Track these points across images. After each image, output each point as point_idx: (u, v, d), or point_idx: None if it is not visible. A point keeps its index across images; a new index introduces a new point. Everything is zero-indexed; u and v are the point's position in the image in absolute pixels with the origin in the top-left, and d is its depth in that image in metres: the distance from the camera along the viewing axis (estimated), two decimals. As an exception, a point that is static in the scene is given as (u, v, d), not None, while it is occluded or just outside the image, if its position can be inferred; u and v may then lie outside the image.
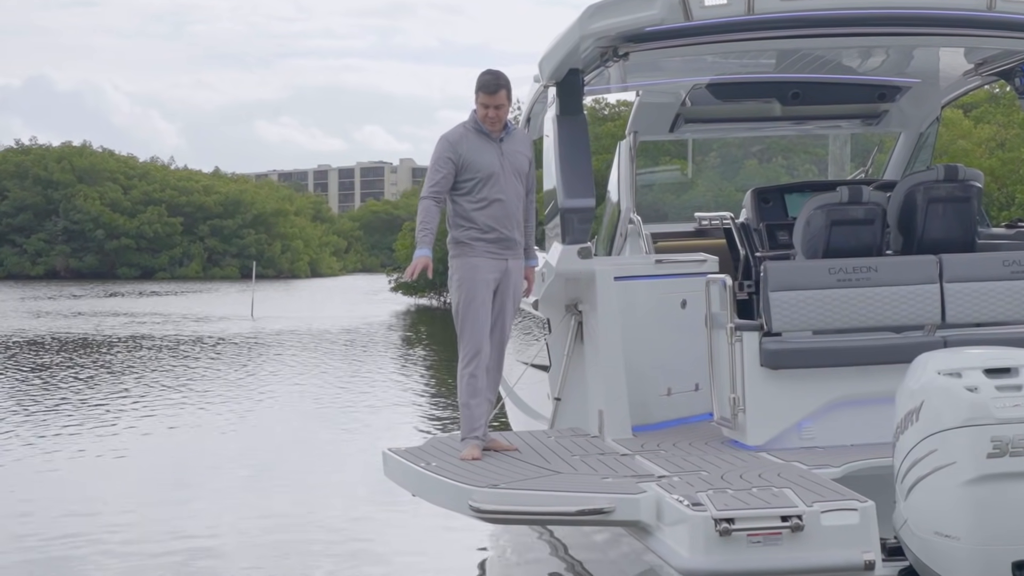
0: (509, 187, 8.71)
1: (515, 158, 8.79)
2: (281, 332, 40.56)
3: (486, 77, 8.69)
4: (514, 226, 8.74)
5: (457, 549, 10.92)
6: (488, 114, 8.67)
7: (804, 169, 21.95)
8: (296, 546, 11.12)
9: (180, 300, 69.43)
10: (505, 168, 8.70)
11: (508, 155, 8.75)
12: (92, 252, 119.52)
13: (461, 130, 8.78)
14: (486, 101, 8.65)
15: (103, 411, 20.53)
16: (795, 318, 8.56)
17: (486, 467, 8.24)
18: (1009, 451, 6.52)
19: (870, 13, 9.10)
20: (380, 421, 19.40)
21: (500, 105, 8.65)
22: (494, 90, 8.63)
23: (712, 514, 6.68)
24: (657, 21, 8.88)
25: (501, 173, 8.68)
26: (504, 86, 8.67)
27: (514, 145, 8.83)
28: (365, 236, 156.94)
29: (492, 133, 8.72)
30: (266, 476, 14.89)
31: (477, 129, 8.75)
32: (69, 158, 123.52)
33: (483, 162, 8.66)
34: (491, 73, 8.74)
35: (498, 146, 8.74)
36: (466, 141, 8.71)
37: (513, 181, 8.74)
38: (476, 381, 8.72)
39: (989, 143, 41.56)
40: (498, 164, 8.69)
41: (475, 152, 8.67)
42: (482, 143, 8.72)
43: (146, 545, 11.25)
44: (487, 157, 8.68)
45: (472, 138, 8.72)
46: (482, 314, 8.70)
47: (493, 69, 8.78)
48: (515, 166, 8.77)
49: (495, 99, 8.63)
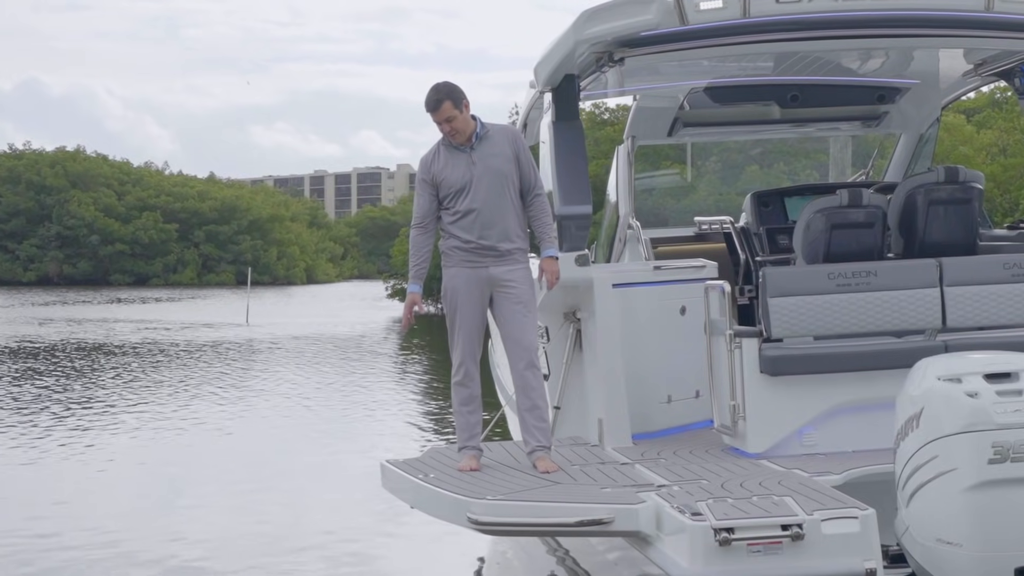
0: (484, 195, 8.56)
1: (490, 162, 8.60)
2: (277, 338, 40.60)
3: (427, 96, 8.60)
4: (493, 236, 8.58)
5: (454, 557, 10.96)
6: (443, 129, 8.59)
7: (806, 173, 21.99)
8: (288, 555, 11.16)
9: (174, 307, 69.50)
10: (477, 176, 8.56)
11: (480, 161, 8.59)
12: (86, 258, 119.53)
13: (435, 148, 8.73)
14: (435, 119, 8.57)
15: (93, 418, 20.55)
16: (795, 324, 8.59)
17: (485, 479, 8.24)
18: (1010, 457, 6.55)
19: (867, 15, 9.12)
20: (377, 429, 19.43)
21: (450, 118, 8.52)
22: (435, 107, 8.54)
23: (712, 524, 6.70)
24: (652, 25, 8.91)
25: (473, 183, 8.55)
26: (445, 98, 8.53)
27: (488, 149, 8.64)
28: (362, 242, 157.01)
29: (460, 145, 8.63)
30: (258, 484, 14.91)
31: (447, 144, 8.67)
32: (63, 163, 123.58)
33: (453, 176, 8.58)
34: (431, 90, 8.62)
35: (468, 156, 8.62)
36: (438, 158, 8.66)
37: (489, 187, 8.57)
38: (464, 390, 8.72)
39: (991, 149, 41.60)
40: (469, 174, 8.57)
41: (446, 168, 8.61)
42: (452, 157, 8.63)
43: (133, 553, 11.32)
44: (457, 171, 8.59)
45: (444, 154, 8.65)
46: (466, 323, 8.69)
47: (435, 84, 8.67)
48: (491, 170, 8.58)
49: (440, 114, 8.52)
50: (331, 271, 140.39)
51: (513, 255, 8.68)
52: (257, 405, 22.74)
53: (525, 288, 8.71)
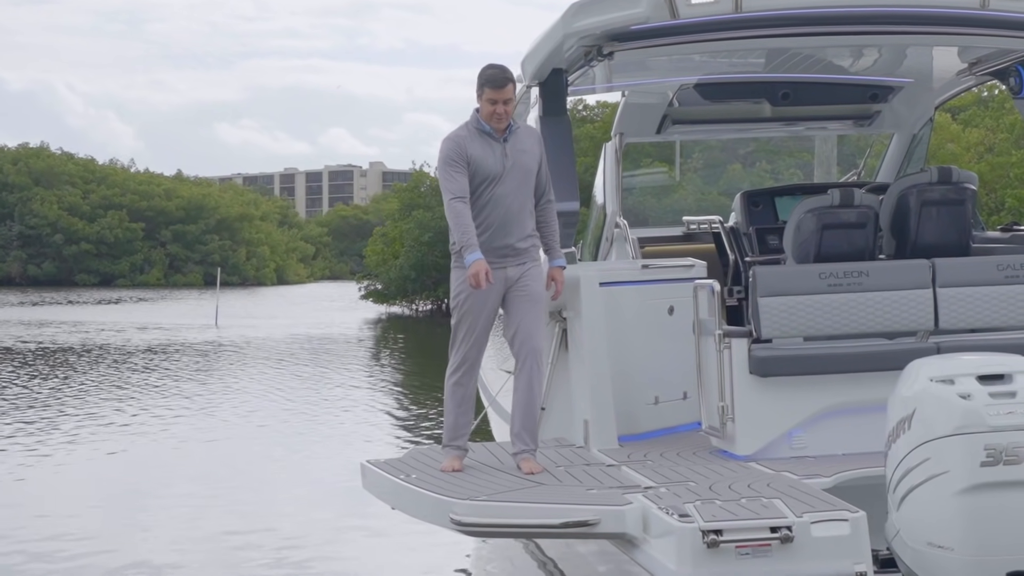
0: (512, 190, 8.54)
1: (521, 158, 8.57)
2: (247, 341, 40.56)
3: (491, 71, 8.49)
4: (514, 232, 8.56)
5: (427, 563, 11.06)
6: (496, 110, 8.44)
7: (789, 173, 22.09)
8: (255, 560, 11.24)
9: (141, 308, 69.28)
10: (509, 170, 8.53)
11: (513, 155, 8.55)
12: (49, 258, 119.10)
13: (464, 131, 8.57)
14: (493, 96, 8.43)
15: (52, 424, 20.56)
16: (785, 324, 8.63)
17: (468, 479, 8.27)
18: (1003, 459, 6.57)
19: (861, 11, 9.19)
20: (351, 433, 19.49)
21: (508, 100, 8.43)
22: (501, 84, 8.42)
23: (700, 525, 6.74)
24: (642, 19, 8.96)
25: (504, 176, 8.52)
26: (511, 79, 8.47)
27: (519, 144, 8.61)
28: (334, 242, 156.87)
29: (496, 132, 8.53)
30: (226, 489, 14.99)
31: (480, 129, 8.54)
32: (25, 160, 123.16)
33: (487, 163, 8.48)
34: (496, 67, 8.53)
35: (502, 146, 8.55)
36: (472, 142, 8.52)
37: (517, 184, 8.55)
38: (461, 389, 8.72)
39: (978, 147, 41.90)
40: (501, 165, 8.52)
41: (480, 153, 8.49)
42: (486, 143, 8.52)
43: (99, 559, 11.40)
44: (491, 158, 8.49)
45: (477, 139, 8.53)
46: (478, 325, 8.63)
47: (496, 63, 8.62)
48: (521, 167, 8.56)
49: (503, 93, 8.41)
50: (302, 272, 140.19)
51: (529, 252, 8.69)
52: (225, 409, 22.77)
53: (540, 288, 8.73)
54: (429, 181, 65.42)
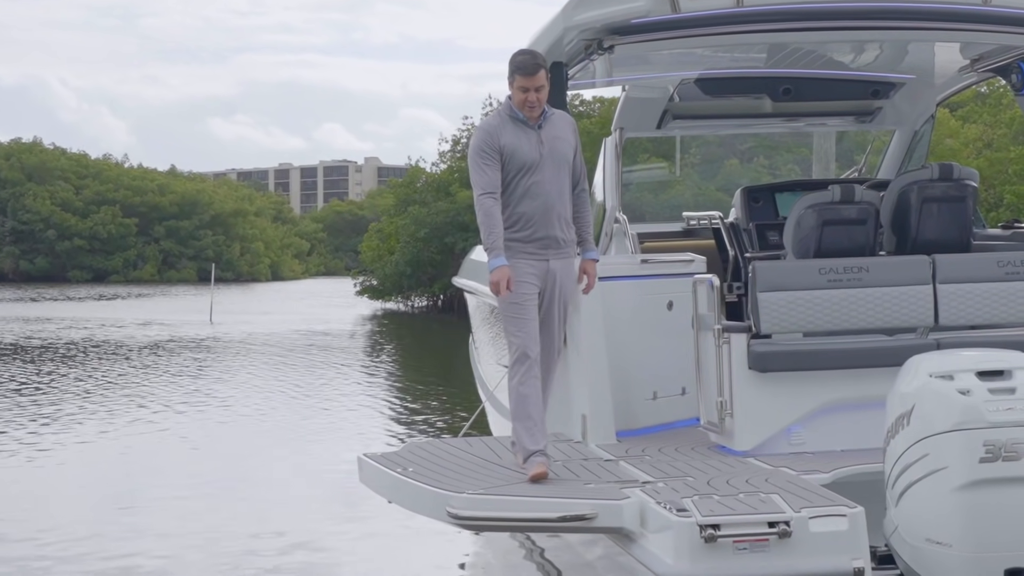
0: (550, 179, 8.35)
1: (556, 145, 8.40)
2: (243, 337, 40.57)
3: (522, 58, 8.31)
4: (555, 222, 8.38)
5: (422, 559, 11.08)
6: (528, 98, 8.26)
7: (787, 169, 22.11)
8: (250, 559, 11.26)
9: (135, 304, 69.25)
10: (545, 158, 8.34)
11: (548, 143, 8.37)
12: (42, 254, 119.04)
13: (497, 119, 8.39)
14: (525, 84, 8.25)
15: (46, 421, 20.59)
16: (784, 320, 8.65)
17: (466, 473, 8.28)
18: (1002, 455, 6.59)
19: (863, 7, 9.22)
20: (347, 428, 19.51)
21: (540, 87, 8.24)
22: (533, 71, 8.24)
23: (697, 520, 6.76)
24: (643, 13, 8.98)
25: (541, 164, 8.32)
26: (543, 66, 8.30)
27: (554, 131, 8.43)
28: (329, 238, 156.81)
29: (530, 120, 8.34)
30: (223, 485, 15.02)
31: (513, 117, 8.35)
32: (18, 155, 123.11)
33: (523, 151, 8.29)
34: (526, 52, 8.38)
35: (537, 134, 8.36)
36: (505, 131, 8.33)
37: (555, 172, 8.37)
38: (526, 389, 8.34)
39: (976, 143, 41.97)
40: (538, 153, 8.33)
41: (514, 142, 8.30)
42: (520, 131, 8.33)
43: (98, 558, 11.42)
44: (527, 146, 8.31)
45: (511, 127, 8.34)
46: (528, 315, 8.36)
47: (527, 49, 8.55)
48: (557, 154, 8.39)
49: (535, 80, 8.24)
50: (297, 268, 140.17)
51: (569, 245, 8.55)
52: (223, 405, 22.79)
53: (574, 287, 8.69)
54: (425, 176, 65.48)
